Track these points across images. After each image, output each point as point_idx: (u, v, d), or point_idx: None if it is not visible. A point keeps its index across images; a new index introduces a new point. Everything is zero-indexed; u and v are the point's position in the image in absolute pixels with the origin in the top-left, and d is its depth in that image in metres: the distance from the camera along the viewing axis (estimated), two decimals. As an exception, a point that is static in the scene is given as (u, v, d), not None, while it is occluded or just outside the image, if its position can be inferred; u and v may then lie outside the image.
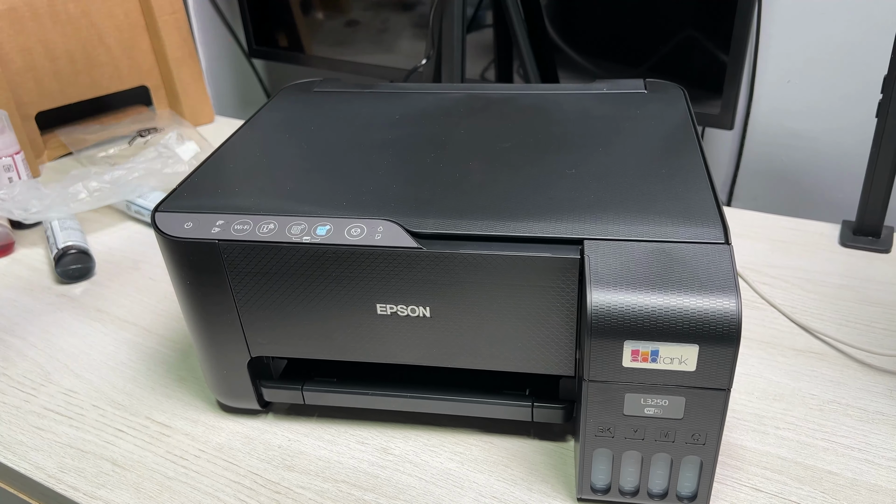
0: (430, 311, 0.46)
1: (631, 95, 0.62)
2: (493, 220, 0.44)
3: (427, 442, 0.52)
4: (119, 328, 0.67)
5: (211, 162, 0.54)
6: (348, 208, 0.47)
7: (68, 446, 0.54)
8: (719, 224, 0.43)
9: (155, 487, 0.50)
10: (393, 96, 0.65)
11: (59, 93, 1.04)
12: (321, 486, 0.49)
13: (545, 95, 0.63)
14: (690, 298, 0.39)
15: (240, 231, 0.46)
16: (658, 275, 0.40)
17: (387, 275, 0.45)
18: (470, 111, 0.60)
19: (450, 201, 0.47)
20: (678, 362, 0.40)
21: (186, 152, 0.86)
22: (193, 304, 0.49)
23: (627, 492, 0.46)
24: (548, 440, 0.52)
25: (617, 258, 0.41)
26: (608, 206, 0.45)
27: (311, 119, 0.60)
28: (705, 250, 0.41)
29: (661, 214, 0.44)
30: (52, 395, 0.59)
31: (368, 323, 0.47)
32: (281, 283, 0.46)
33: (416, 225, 0.45)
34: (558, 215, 0.44)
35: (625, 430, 0.43)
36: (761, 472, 0.48)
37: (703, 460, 0.43)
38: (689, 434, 0.42)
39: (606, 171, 0.49)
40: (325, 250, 0.45)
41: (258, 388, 0.53)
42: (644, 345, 0.39)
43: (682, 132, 0.54)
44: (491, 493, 0.48)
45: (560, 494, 0.47)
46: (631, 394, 0.41)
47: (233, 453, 0.52)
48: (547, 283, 0.43)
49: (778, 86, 0.91)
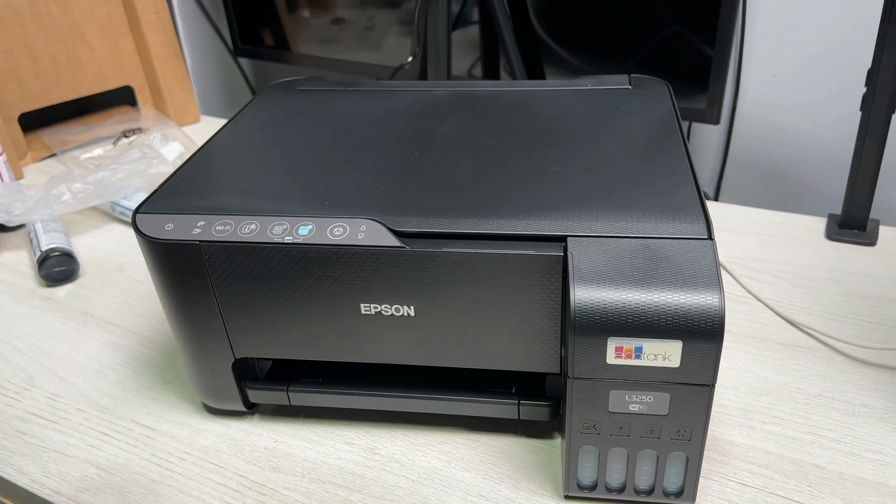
0: (415, 310, 0.46)
1: (615, 91, 0.62)
2: (477, 218, 0.44)
3: (414, 441, 0.52)
4: (104, 331, 0.67)
5: (193, 162, 0.54)
6: (331, 208, 0.46)
7: (52, 451, 0.53)
8: (702, 219, 0.43)
9: (140, 491, 0.49)
10: (377, 94, 0.64)
11: (42, 94, 1.03)
12: (308, 488, 0.49)
13: (530, 92, 0.63)
14: (673, 294, 0.39)
15: (221, 232, 0.45)
16: (641, 271, 0.40)
17: (370, 274, 0.45)
18: (455, 108, 0.60)
19: (433, 199, 0.46)
20: (662, 358, 0.40)
21: (171, 152, 0.85)
22: (176, 307, 0.49)
23: (614, 489, 0.46)
24: (535, 438, 0.52)
25: (600, 255, 0.41)
26: (591, 203, 0.45)
27: (295, 118, 0.60)
28: (688, 246, 0.41)
29: (645, 210, 0.44)
30: (35, 399, 0.59)
31: (353, 323, 0.47)
32: (264, 284, 0.46)
33: (400, 224, 0.44)
34: (542, 212, 0.44)
35: (610, 426, 0.43)
36: (748, 466, 0.48)
37: (689, 456, 0.43)
38: (674, 430, 0.42)
39: (590, 167, 0.49)
40: (308, 250, 0.44)
41: (243, 389, 0.53)
42: (628, 341, 0.39)
43: (666, 128, 0.54)
44: (478, 492, 0.48)
45: (547, 492, 0.47)
46: (615, 390, 0.41)
47: (219, 455, 0.52)
48: (531, 281, 0.43)
49: (763, 80, 0.91)
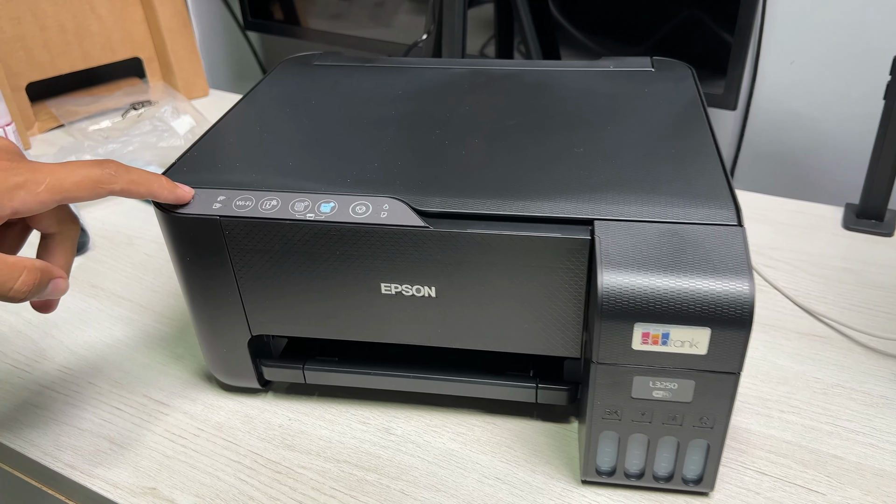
0: (436, 290, 0.45)
1: (638, 73, 0.61)
2: (502, 199, 0.43)
3: (429, 422, 0.52)
4: (114, 304, 0.66)
5: (210, 136, 0.53)
6: (353, 185, 0.46)
7: (64, 423, 0.53)
8: (732, 205, 0.42)
9: (153, 466, 0.49)
10: (395, 71, 0.63)
11: (50, 63, 1.01)
12: (322, 466, 0.49)
13: (550, 72, 0.62)
14: (703, 281, 0.38)
15: (242, 207, 0.44)
16: (670, 256, 0.39)
17: (392, 254, 0.44)
18: (473, 87, 0.59)
19: (456, 179, 0.46)
20: (689, 345, 0.39)
21: (182, 126, 0.84)
22: (193, 282, 0.48)
23: (633, 474, 0.45)
24: (550, 421, 0.51)
25: (628, 239, 0.41)
26: (618, 186, 0.44)
27: (312, 93, 0.59)
28: (718, 232, 0.41)
29: (673, 195, 0.43)
30: (46, 371, 0.58)
31: (373, 302, 0.46)
32: (284, 261, 0.45)
33: (423, 203, 0.44)
34: (567, 195, 0.44)
35: (632, 412, 0.42)
36: (766, 455, 0.48)
37: (711, 444, 0.43)
38: (697, 417, 0.42)
39: (615, 150, 0.48)
40: (330, 228, 0.44)
41: (258, 367, 0.52)
42: (655, 327, 0.39)
43: (691, 112, 0.53)
44: (494, 475, 0.48)
45: (564, 476, 0.47)
46: (640, 377, 0.41)
47: (232, 432, 0.52)
48: (556, 264, 0.43)
49: (782, 67, 0.90)
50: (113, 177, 0.41)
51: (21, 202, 0.38)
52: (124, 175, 0.42)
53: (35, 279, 0.39)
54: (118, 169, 0.41)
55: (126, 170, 0.42)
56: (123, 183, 0.41)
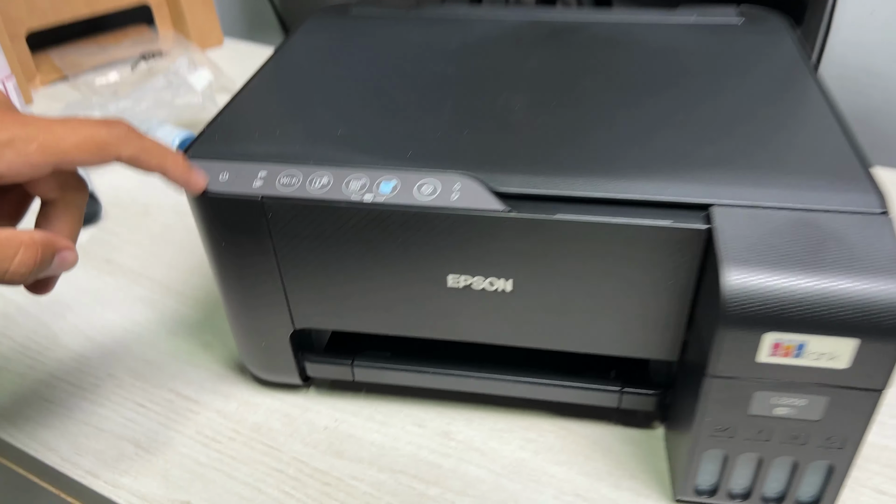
0: (513, 284, 0.39)
1: (724, 26, 0.53)
2: (595, 179, 0.37)
3: (493, 426, 0.46)
4: (132, 282, 0.60)
5: (242, 98, 0.46)
6: (415, 160, 0.39)
7: (83, 423, 0.47)
8: (872, 188, 0.35)
9: (185, 475, 0.43)
10: (444, 22, 0.56)
11: (52, 9, 0.93)
12: (377, 477, 0.43)
13: (624, 25, 0.54)
14: (850, 282, 0.32)
15: (287, 186, 0.38)
16: (807, 251, 0.33)
17: (463, 242, 0.37)
18: (538, 41, 0.52)
19: (537, 153, 0.39)
20: (827, 358, 0.33)
21: (199, 81, 0.77)
22: (229, 269, 0.42)
23: (737, 495, 0.40)
24: (631, 426, 0.46)
25: (753, 229, 0.34)
26: (734, 164, 0.37)
27: (354, 49, 0.52)
28: (860, 222, 0.34)
29: (798, 174, 0.36)
30: (61, 360, 0.52)
31: (436, 296, 0.40)
32: (335, 249, 0.39)
33: (501, 182, 0.37)
34: (674, 173, 0.37)
35: (747, 431, 0.36)
36: (883, 470, 0.42)
37: (837, 465, 0.37)
38: (824, 437, 0.36)
39: (721, 120, 0.41)
40: (392, 212, 0.37)
41: (301, 362, 0.46)
42: (789, 337, 0.32)
43: (796, 72, 0.46)
44: (573, 490, 0.42)
45: (653, 493, 0.41)
46: (762, 392, 0.35)
47: (273, 435, 0.46)
48: (661, 258, 0.36)
49: (860, 17, 0.82)
50: (122, 141, 0.34)
51: (6, 164, 0.31)
52: (136, 141, 0.35)
53: (35, 256, 0.32)
54: (129, 133, 0.34)
55: (138, 136, 0.35)
56: (133, 149, 0.35)
